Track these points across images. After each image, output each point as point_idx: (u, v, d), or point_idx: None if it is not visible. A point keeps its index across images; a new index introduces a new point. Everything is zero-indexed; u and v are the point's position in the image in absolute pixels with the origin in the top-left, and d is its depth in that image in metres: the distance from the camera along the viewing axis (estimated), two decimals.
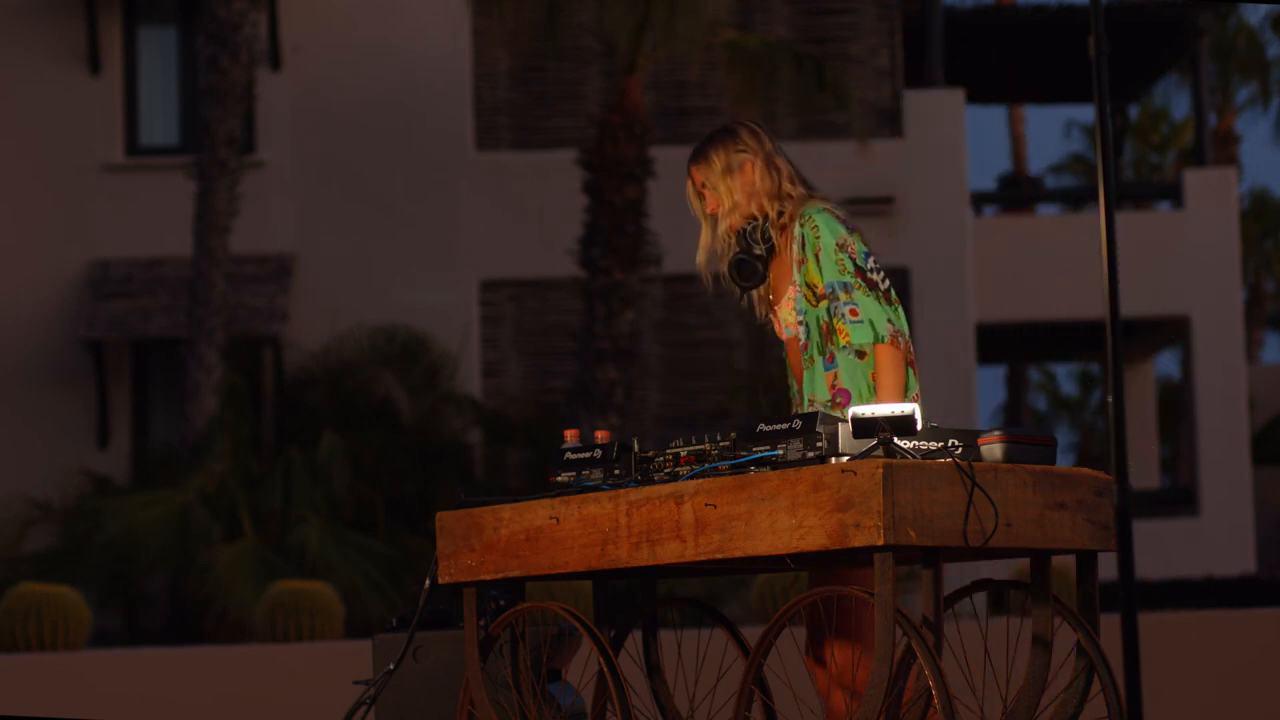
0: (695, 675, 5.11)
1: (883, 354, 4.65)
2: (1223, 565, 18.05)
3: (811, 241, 4.74)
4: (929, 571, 3.99)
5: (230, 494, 14.00)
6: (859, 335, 4.65)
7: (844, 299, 4.67)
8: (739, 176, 4.84)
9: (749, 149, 4.86)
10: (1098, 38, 3.96)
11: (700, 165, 4.90)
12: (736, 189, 4.84)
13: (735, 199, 4.84)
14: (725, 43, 15.92)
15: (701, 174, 4.90)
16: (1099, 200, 3.95)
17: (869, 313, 4.66)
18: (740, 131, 4.91)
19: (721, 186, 4.85)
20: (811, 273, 4.74)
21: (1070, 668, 4.33)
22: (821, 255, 4.72)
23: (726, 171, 4.85)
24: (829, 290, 4.70)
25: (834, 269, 4.70)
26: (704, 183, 4.89)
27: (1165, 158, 31.80)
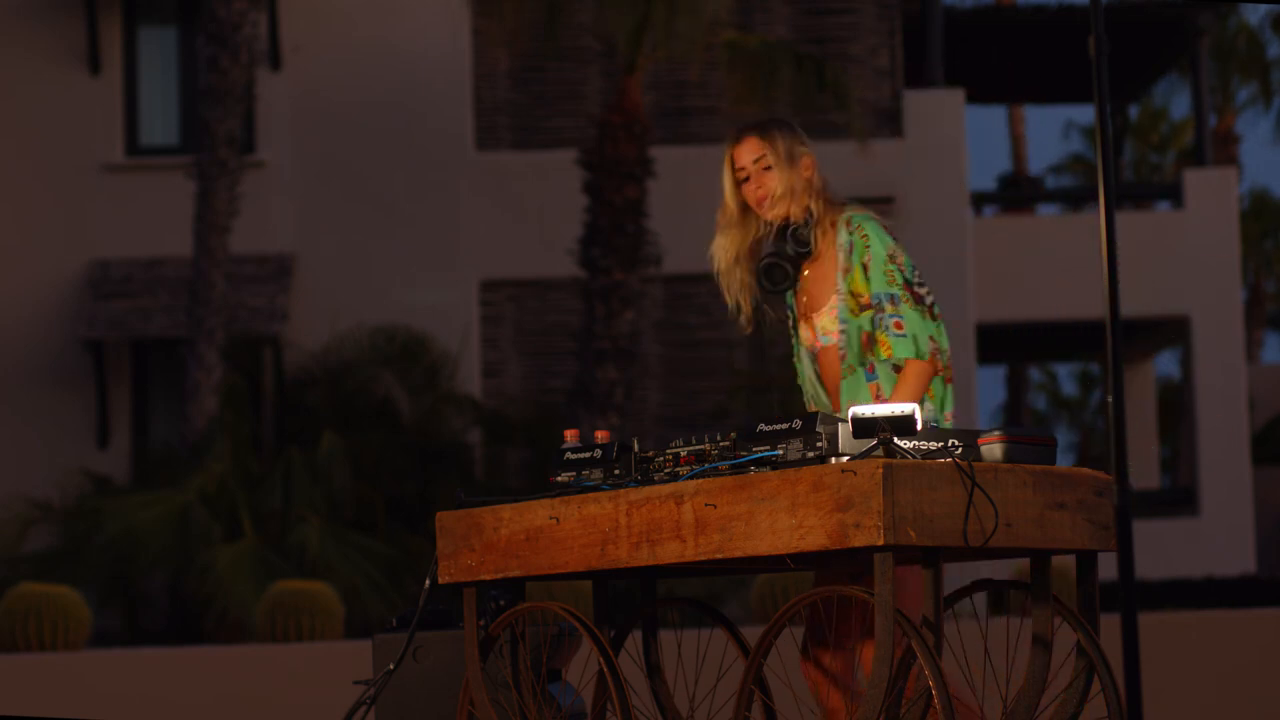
0: (695, 675, 5.11)
1: (912, 368, 4.62)
2: (1223, 565, 18.05)
3: (860, 250, 4.67)
4: (929, 571, 3.99)
5: (230, 494, 14.00)
6: (901, 349, 4.61)
7: (890, 311, 4.63)
8: (799, 168, 4.75)
9: (806, 145, 4.79)
10: (1098, 38, 3.96)
11: (764, 140, 4.75)
12: (795, 178, 4.74)
13: (793, 187, 4.74)
14: (725, 43, 15.92)
15: (763, 149, 4.75)
16: (1099, 200, 3.95)
17: (913, 327, 4.63)
18: (796, 126, 4.81)
19: (784, 170, 4.73)
20: (857, 281, 4.67)
21: (1070, 668, 4.33)
22: (871, 265, 4.66)
23: (789, 157, 4.75)
24: (875, 301, 4.64)
25: (882, 280, 4.65)
26: (762, 159, 4.75)
27: (1165, 158, 31.79)
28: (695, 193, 17.75)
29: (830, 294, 4.74)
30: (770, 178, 4.75)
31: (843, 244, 4.71)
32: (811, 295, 4.81)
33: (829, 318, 4.75)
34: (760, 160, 4.75)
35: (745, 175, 4.80)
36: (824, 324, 4.77)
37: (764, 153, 4.74)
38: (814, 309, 4.80)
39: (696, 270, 17.65)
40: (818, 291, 4.79)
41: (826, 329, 4.76)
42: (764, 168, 4.76)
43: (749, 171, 4.79)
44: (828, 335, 4.77)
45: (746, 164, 4.78)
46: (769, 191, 4.76)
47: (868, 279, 4.66)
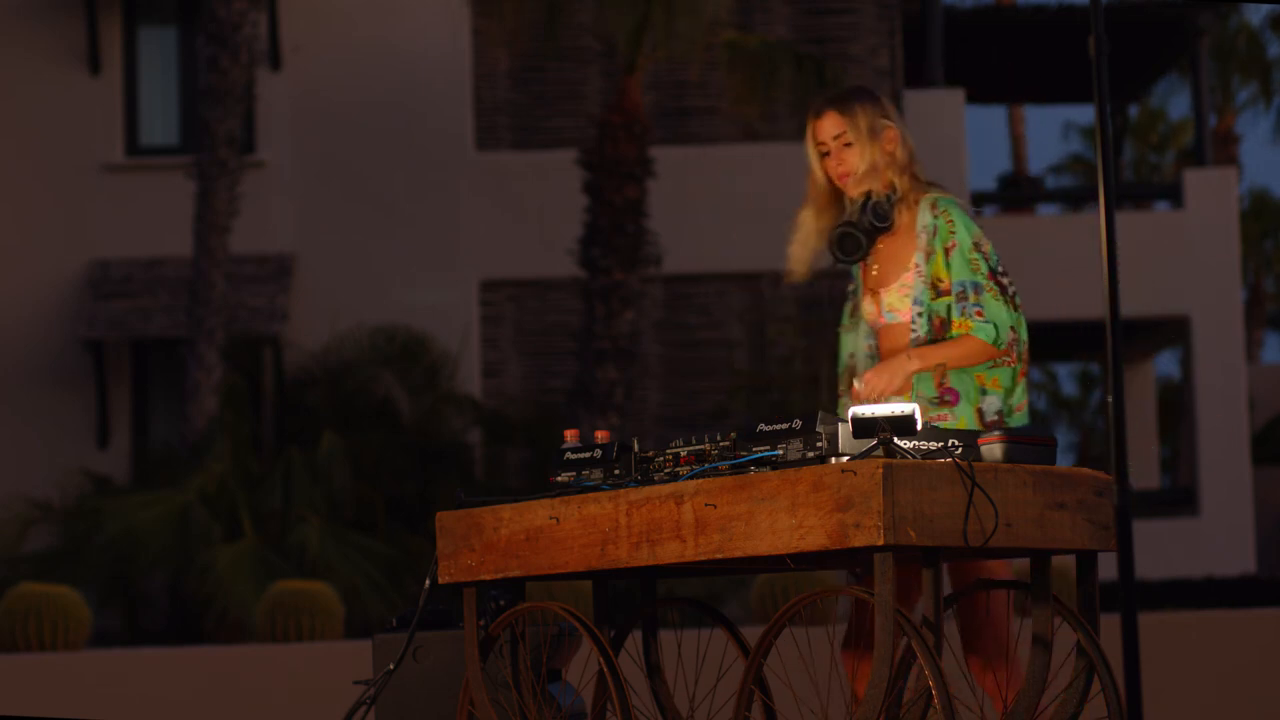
0: (695, 675, 5.11)
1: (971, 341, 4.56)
2: (1223, 565, 18.05)
3: (945, 235, 4.61)
4: (929, 571, 3.99)
5: (230, 494, 14.00)
6: (981, 334, 4.56)
7: (973, 300, 4.58)
8: (881, 142, 4.68)
9: (891, 118, 4.71)
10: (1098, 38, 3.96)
11: (845, 116, 4.68)
12: (877, 153, 4.67)
13: (875, 164, 4.66)
14: (725, 43, 15.92)
15: (844, 125, 4.68)
16: (1099, 200, 3.95)
17: (994, 315, 4.58)
18: (880, 97, 4.74)
19: (866, 146, 4.66)
20: (939, 267, 4.62)
21: (1070, 668, 4.33)
22: (955, 252, 4.61)
23: (871, 133, 4.66)
24: (958, 288, 4.59)
25: (966, 267, 4.59)
26: (842, 135, 4.68)
27: (1165, 158, 31.79)
28: (695, 193, 17.80)
29: (901, 272, 4.68)
30: (851, 154, 4.69)
31: (925, 225, 4.64)
32: (883, 270, 4.74)
33: (898, 295, 4.68)
34: (841, 137, 4.69)
35: (826, 150, 4.73)
36: (891, 301, 4.70)
37: (844, 129, 4.68)
38: (883, 284, 4.72)
39: (696, 270, 17.78)
40: (889, 268, 4.72)
41: (894, 306, 4.69)
42: (845, 144, 4.69)
43: (829, 147, 4.72)
44: (894, 313, 4.69)
45: (827, 139, 4.72)
46: (850, 169, 4.69)
47: (949, 265, 4.61)
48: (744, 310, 17.91)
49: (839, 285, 21.25)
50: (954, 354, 4.56)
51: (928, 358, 4.55)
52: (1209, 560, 18.11)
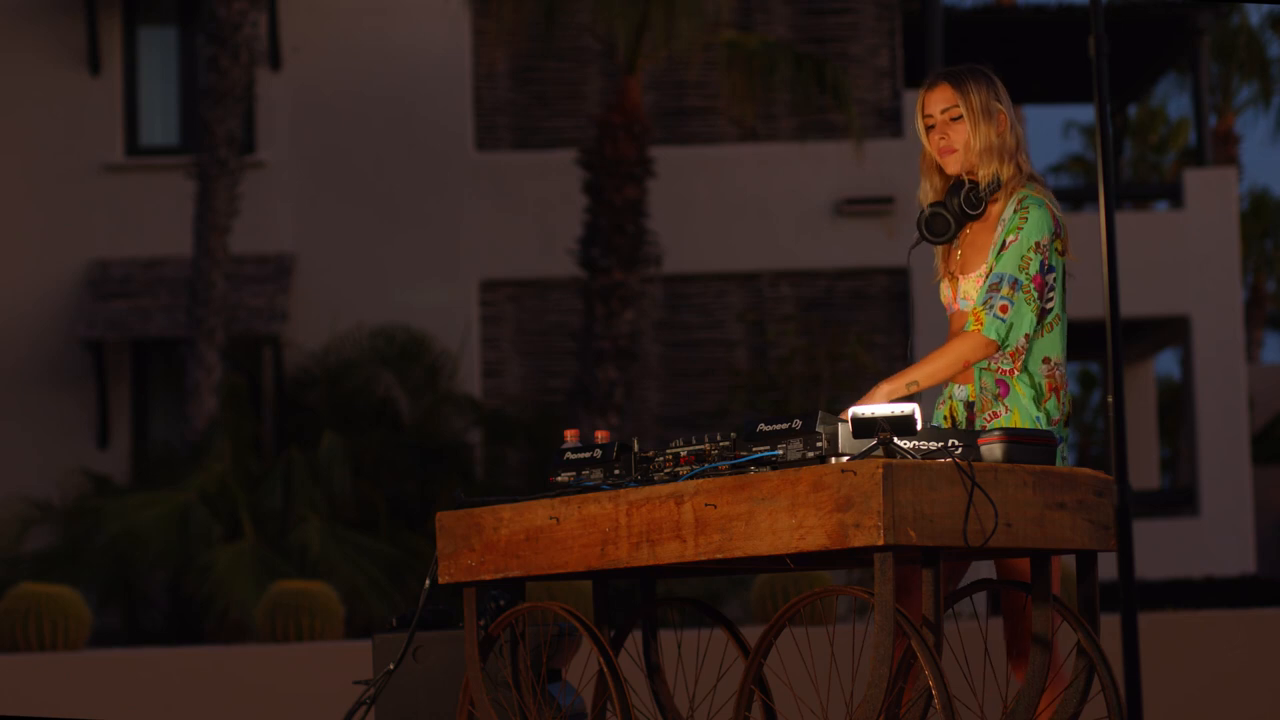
0: (695, 675, 5.11)
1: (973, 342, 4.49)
2: (1223, 565, 18.05)
3: (1012, 228, 4.53)
4: (929, 571, 3.99)
5: (230, 494, 14.00)
6: (991, 330, 4.48)
7: (1005, 293, 4.50)
8: (993, 123, 4.60)
9: (1004, 102, 4.62)
10: (1098, 38, 3.96)
11: (959, 91, 4.59)
12: (986, 135, 4.58)
13: (983, 145, 4.58)
14: (725, 43, 15.93)
15: (955, 99, 4.59)
16: (1099, 200, 3.95)
17: (1017, 317, 4.50)
18: (997, 80, 4.65)
19: (980, 125, 4.57)
20: (993, 257, 4.56)
21: (1070, 668, 4.33)
22: (1012, 247, 4.52)
23: (984, 112, 4.59)
24: (995, 278, 4.51)
25: (1016, 263, 4.50)
26: (951, 109, 4.59)
27: (1165, 158, 31.79)
28: (695, 193, 17.81)
29: (982, 262, 4.61)
30: (958, 130, 4.61)
31: (1005, 218, 4.57)
32: (966, 257, 4.68)
33: (974, 285, 4.61)
34: (949, 110, 4.61)
35: (932, 123, 4.65)
36: (967, 288, 4.63)
37: (956, 103, 4.60)
38: (964, 270, 4.67)
39: (696, 270, 17.79)
40: (971, 255, 4.67)
41: (968, 294, 4.62)
42: (952, 118, 4.61)
43: (936, 120, 4.64)
44: (968, 300, 4.63)
45: (934, 112, 4.63)
46: (953, 144, 4.61)
47: (1000, 257, 4.53)
48: (744, 310, 17.91)
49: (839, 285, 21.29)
50: (927, 370, 4.47)
51: (898, 378, 4.46)
52: (1209, 560, 18.10)
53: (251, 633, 12.13)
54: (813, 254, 17.64)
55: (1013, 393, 4.57)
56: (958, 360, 4.50)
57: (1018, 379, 4.58)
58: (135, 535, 13.66)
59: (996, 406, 4.57)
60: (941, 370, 4.50)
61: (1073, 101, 24.56)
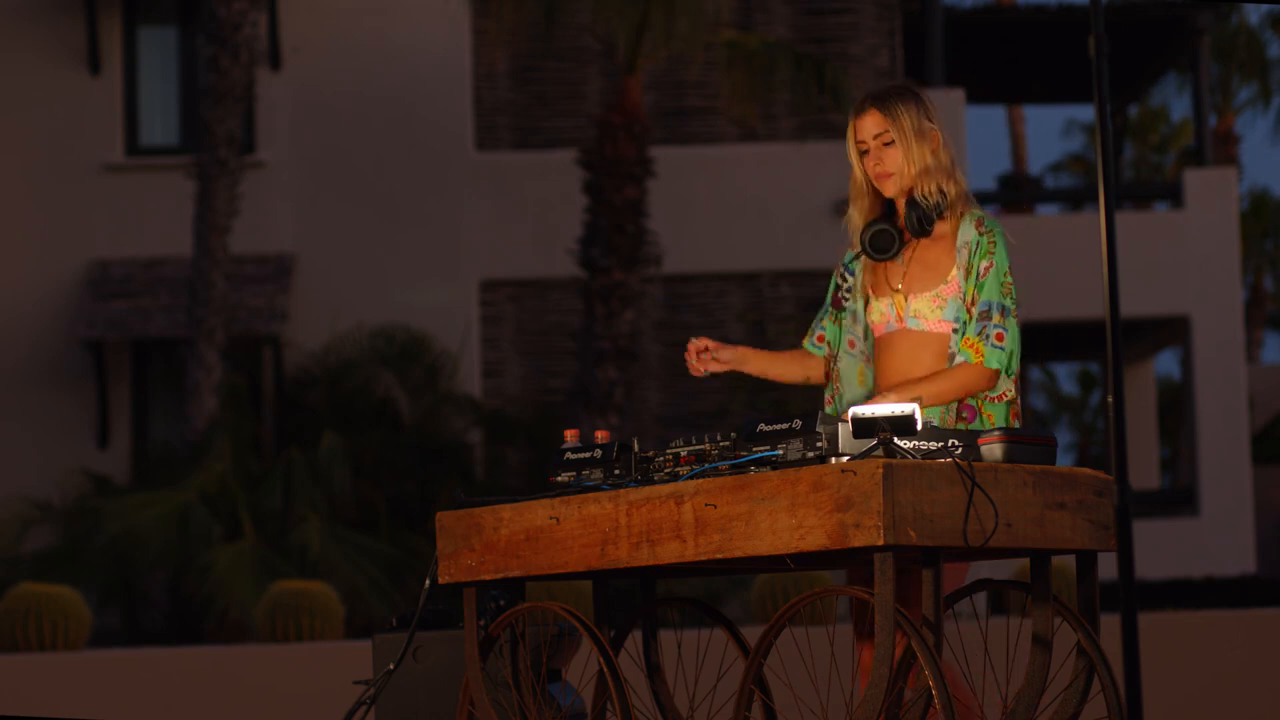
0: (695, 675, 5.11)
1: (977, 374, 4.50)
2: (1223, 565, 18.05)
3: (984, 252, 4.53)
4: (929, 571, 3.99)
5: (230, 494, 14.00)
6: (993, 359, 4.48)
7: (997, 321, 4.50)
8: (926, 144, 4.58)
9: (935, 120, 4.60)
10: (1098, 38, 3.96)
11: (888, 115, 4.57)
12: (925, 155, 4.57)
13: (924, 164, 4.56)
14: (725, 43, 15.93)
15: (886, 124, 4.57)
16: (1099, 200, 3.95)
17: (1012, 344, 4.51)
18: (924, 98, 4.63)
19: (913, 147, 4.55)
20: (970, 284, 4.54)
21: (1070, 668, 4.34)
22: (991, 273, 4.51)
23: (917, 134, 4.57)
24: (984, 306, 4.49)
25: (999, 289, 4.51)
26: (883, 135, 4.57)
27: (1165, 158, 31.79)
28: (695, 193, 17.81)
29: (937, 282, 4.57)
30: (890, 155, 4.59)
31: (968, 241, 4.55)
32: (913, 275, 4.62)
33: (929, 304, 4.57)
34: (880, 136, 4.59)
35: (865, 149, 4.63)
36: (919, 307, 4.59)
37: (886, 129, 4.58)
38: (911, 289, 4.61)
39: (696, 270, 17.79)
40: (921, 273, 4.61)
41: (921, 313, 4.58)
42: (884, 143, 4.59)
43: (869, 146, 4.62)
44: (919, 319, 4.58)
45: (866, 138, 4.62)
46: (887, 169, 4.60)
47: (980, 285, 4.52)
48: (744, 310, 17.91)
49: None
50: (935, 389, 4.47)
51: (904, 390, 4.45)
52: (1209, 560, 18.10)
53: (251, 633, 12.13)
54: (813, 254, 17.63)
55: (979, 419, 4.56)
56: (962, 388, 4.51)
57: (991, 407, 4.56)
58: (135, 535, 13.66)
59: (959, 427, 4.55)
60: (946, 394, 4.50)
61: (1073, 101, 24.58)
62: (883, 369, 4.67)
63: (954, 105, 18.27)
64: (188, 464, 14.49)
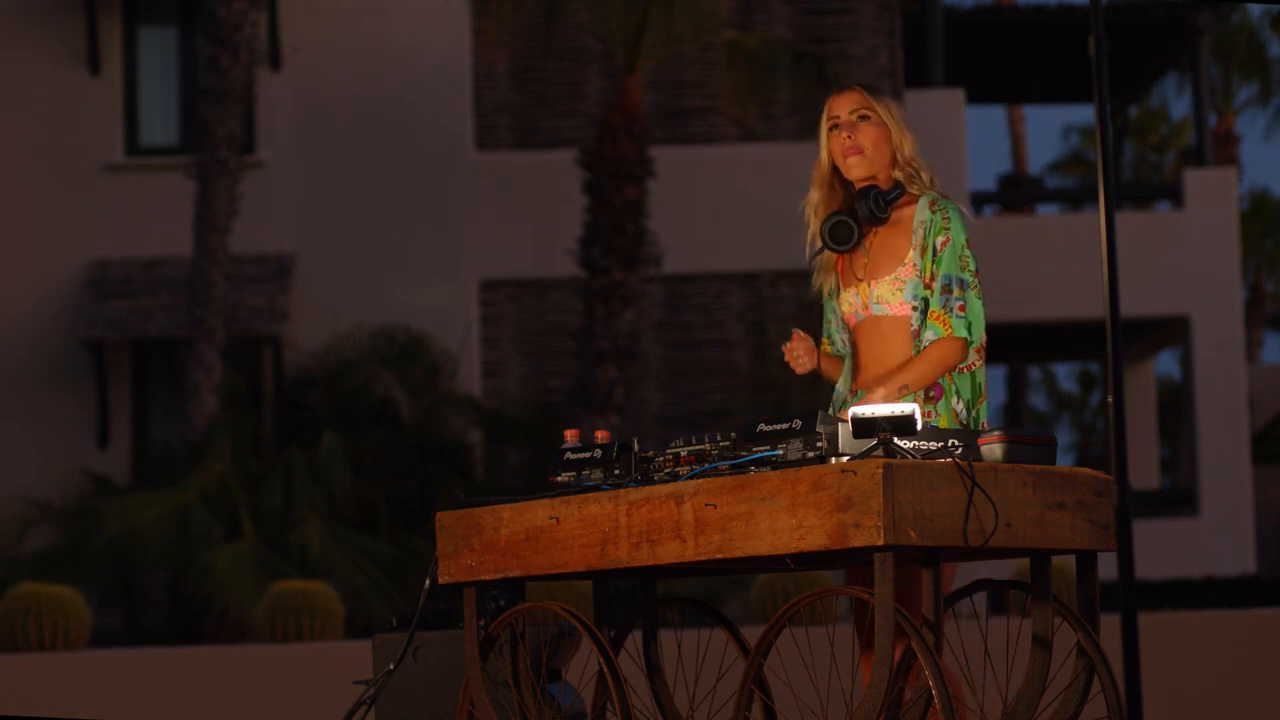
0: (695, 675, 5.11)
1: (939, 346, 4.58)
2: (1223, 565, 18.05)
3: (939, 229, 4.61)
4: (929, 571, 3.99)
5: (230, 494, 14.00)
6: (959, 329, 4.57)
7: (957, 294, 4.58)
8: (906, 137, 4.70)
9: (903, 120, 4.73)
10: (1098, 38, 3.96)
11: (872, 95, 4.67)
12: (904, 145, 4.69)
13: (901, 154, 4.68)
14: (725, 42, 15.93)
15: (869, 102, 4.65)
16: (1099, 200, 3.95)
17: (974, 315, 4.61)
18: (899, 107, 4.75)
19: (892, 128, 4.66)
20: (928, 262, 4.60)
21: (1070, 668, 4.33)
22: (947, 248, 4.59)
23: (903, 123, 4.69)
24: (944, 280, 4.57)
25: (956, 263, 4.59)
26: (863, 109, 4.65)
27: (1165, 158, 31.79)
28: (695, 193, 17.81)
29: (895, 265, 4.65)
30: (864, 130, 4.65)
31: (923, 220, 4.63)
32: (874, 261, 4.70)
33: (890, 288, 4.65)
34: (857, 110, 4.66)
35: (836, 124, 4.68)
36: (881, 293, 4.66)
37: (867, 105, 4.66)
38: (873, 275, 4.69)
39: (696, 270, 17.78)
40: (881, 259, 4.69)
41: (883, 298, 4.66)
42: (860, 116, 4.66)
43: (842, 120, 4.68)
44: (883, 305, 4.66)
45: (842, 112, 4.67)
46: (859, 144, 4.66)
47: (938, 260, 4.59)
48: (744, 310, 17.91)
49: None
50: (915, 374, 4.54)
51: (890, 383, 4.52)
52: (1209, 560, 18.11)
53: (251, 633, 12.13)
54: None
55: (945, 396, 4.63)
56: (940, 365, 4.58)
57: (959, 379, 4.65)
58: (135, 535, 13.65)
59: (927, 407, 4.62)
60: (927, 375, 4.57)
61: (1073, 101, 24.57)
62: (859, 358, 4.76)
63: (954, 105, 18.27)
64: (188, 464, 14.48)
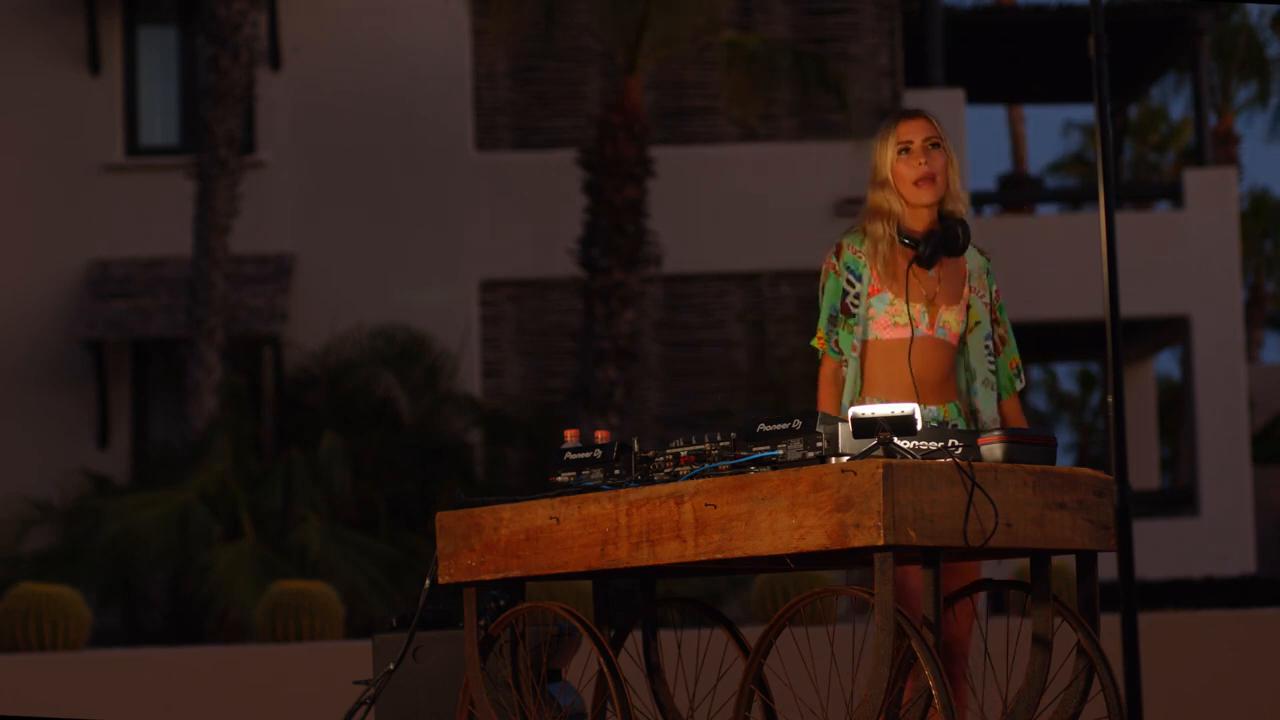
0: (695, 675, 5.11)
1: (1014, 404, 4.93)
2: (1223, 565, 18.05)
3: (993, 277, 4.95)
4: (929, 571, 3.99)
5: (230, 494, 14.00)
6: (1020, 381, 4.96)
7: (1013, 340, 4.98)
8: (956, 167, 4.87)
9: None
10: (1098, 38, 3.96)
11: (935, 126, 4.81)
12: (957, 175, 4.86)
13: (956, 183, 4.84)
14: (725, 42, 15.92)
15: (937, 130, 4.80)
16: (1099, 200, 3.95)
17: None
18: None
19: (953, 162, 4.83)
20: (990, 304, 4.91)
21: (1070, 668, 4.33)
22: (1000, 297, 4.95)
23: (954, 154, 4.87)
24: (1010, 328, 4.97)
25: (1004, 312, 4.96)
26: (934, 137, 4.79)
27: (1165, 158, 31.79)
28: (695, 193, 17.80)
29: (959, 296, 4.86)
30: (936, 158, 4.78)
31: (983, 267, 4.92)
32: (947, 289, 4.85)
33: (956, 318, 4.85)
34: (930, 138, 4.79)
35: (907, 148, 4.79)
36: (948, 319, 4.84)
37: (936, 134, 4.80)
38: (942, 303, 4.84)
39: (696, 270, 17.78)
40: (949, 287, 4.86)
41: (948, 324, 4.84)
42: (933, 144, 4.79)
43: (915, 147, 4.78)
44: (946, 330, 4.83)
45: (915, 138, 4.78)
46: (934, 170, 4.77)
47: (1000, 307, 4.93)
48: (744, 310, 17.91)
49: None
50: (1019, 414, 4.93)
51: None
52: (1209, 560, 18.10)
53: (251, 633, 12.13)
54: (813, 254, 17.59)
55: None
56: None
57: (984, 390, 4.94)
58: (135, 535, 13.65)
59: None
60: None
61: (1073, 101, 24.57)
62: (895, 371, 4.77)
63: (954, 105, 18.27)
64: (188, 464, 14.48)
